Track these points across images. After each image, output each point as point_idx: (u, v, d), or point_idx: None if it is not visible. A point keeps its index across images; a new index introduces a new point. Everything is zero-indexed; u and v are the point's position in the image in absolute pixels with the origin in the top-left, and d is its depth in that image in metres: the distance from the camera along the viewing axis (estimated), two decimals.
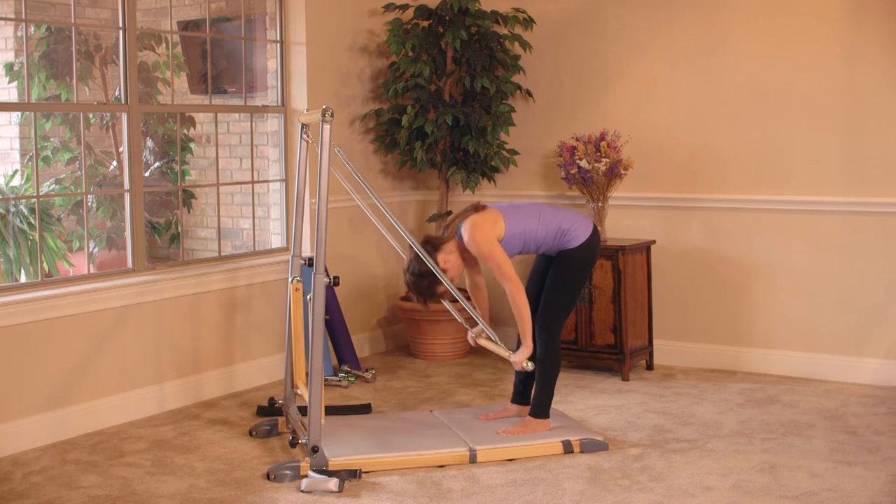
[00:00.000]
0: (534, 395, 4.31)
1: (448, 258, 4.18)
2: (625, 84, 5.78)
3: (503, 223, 4.16)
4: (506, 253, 4.12)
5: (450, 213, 6.01)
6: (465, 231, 4.14)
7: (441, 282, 4.14)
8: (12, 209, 5.96)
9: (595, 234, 4.27)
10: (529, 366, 4.09)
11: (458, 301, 4.22)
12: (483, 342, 4.28)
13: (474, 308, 4.34)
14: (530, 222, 4.20)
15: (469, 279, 4.41)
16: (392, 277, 6.31)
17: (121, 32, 4.78)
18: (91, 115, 6.35)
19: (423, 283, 4.18)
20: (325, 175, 3.87)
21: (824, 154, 5.25)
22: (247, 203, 6.25)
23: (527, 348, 4.11)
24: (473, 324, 4.41)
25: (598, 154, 5.48)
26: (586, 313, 5.45)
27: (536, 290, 4.33)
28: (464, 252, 4.22)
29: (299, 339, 4.34)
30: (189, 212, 6.70)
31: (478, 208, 4.22)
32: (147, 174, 6.39)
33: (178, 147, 5.64)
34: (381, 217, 4.52)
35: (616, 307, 5.36)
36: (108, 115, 6.40)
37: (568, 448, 4.12)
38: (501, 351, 4.17)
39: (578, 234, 4.21)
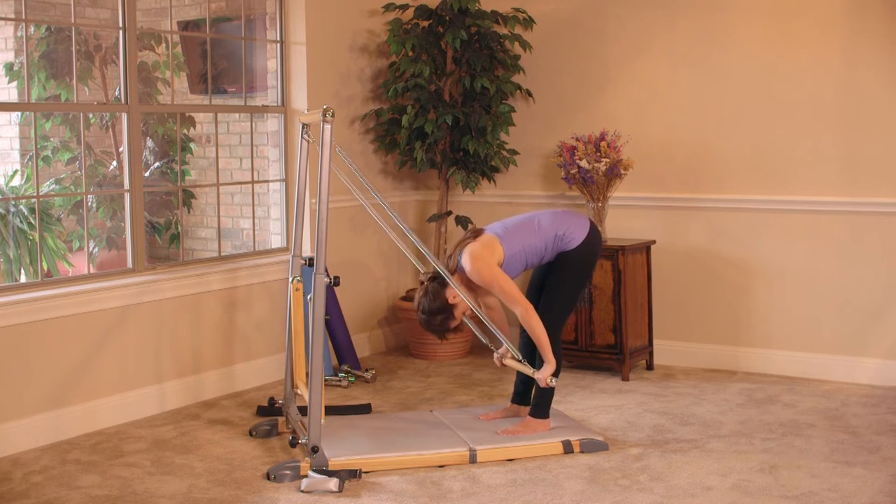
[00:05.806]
0: (534, 395, 4.31)
1: (456, 294, 4.14)
2: (625, 84, 5.78)
3: (500, 247, 4.15)
4: (508, 277, 4.11)
5: (450, 213, 6.01)
6: (466, 262, 4.12)
7: (453, 317, 4.14)
8: (12, 209, 5.96)
9: (593, 233, 4.27)
10: (554, 381, 4.10)
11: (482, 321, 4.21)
12: (508, 362, 4.26)
13: (497, 329, 4.28)
14: (528, 238, 4.20)
15: (482, 302, 4.39)
16: (392, 277, 6.31)
17: (121, 32, 4.78)
18: (91, 115, 6.35)
19: (435, 320, 4.16)
20: (325, 175, 3.87)
21: (824, 154, 5.25)
22: (247, 203, 6.25)
23: (550, 365, 4.11)
24: (498, 344, 4.35)
25: (598, 154, 5.48)
26: (586, 313, 5.45)
27: (536, 296, 4.33)
28: (469, 282, 4.19)
29: (299, 339, 4.34)
30: (189, 212, 6.70)
31: (476, 234, 4.22)
32: (147, 174, 6.39)
33: (178, 147, 5.64)
34: (384, 216, 4.51)
35: (616, 307, 5.36)
36: (108, 115, 6.40)
37: (568, 448, 4.12)
38: (527, 370, 4.16)
39: (575, 236, 4.22)
